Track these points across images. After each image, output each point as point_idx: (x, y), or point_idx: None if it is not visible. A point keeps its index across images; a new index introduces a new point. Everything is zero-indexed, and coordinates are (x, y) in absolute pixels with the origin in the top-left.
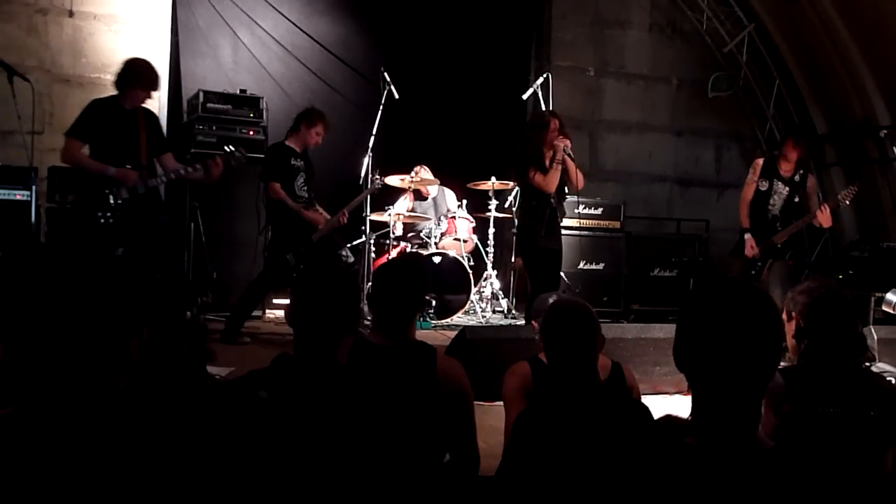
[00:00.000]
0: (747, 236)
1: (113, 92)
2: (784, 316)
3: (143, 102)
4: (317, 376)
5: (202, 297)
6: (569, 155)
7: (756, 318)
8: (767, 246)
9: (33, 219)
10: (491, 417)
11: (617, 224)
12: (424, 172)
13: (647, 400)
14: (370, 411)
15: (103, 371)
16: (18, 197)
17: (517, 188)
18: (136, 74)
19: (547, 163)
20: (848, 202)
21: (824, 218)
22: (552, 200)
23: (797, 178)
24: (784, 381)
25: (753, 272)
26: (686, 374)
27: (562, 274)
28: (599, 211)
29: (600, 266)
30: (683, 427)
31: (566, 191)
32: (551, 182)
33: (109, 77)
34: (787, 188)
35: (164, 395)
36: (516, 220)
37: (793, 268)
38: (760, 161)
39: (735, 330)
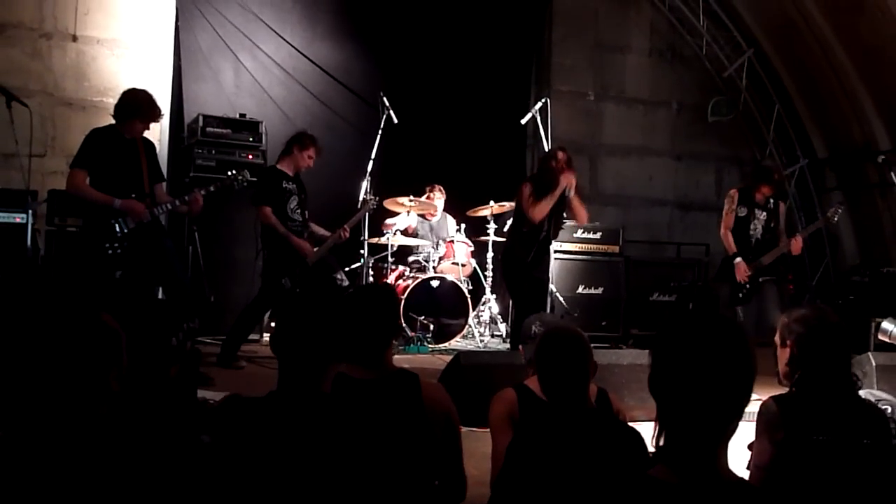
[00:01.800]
0: (738, 261)
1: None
2: (777, 340)
3: (142, 133)
4: (301, 407)
5: (189, 322)
6: (565, 195)
7: (726, 352)
8: (755, 269)
9: (29, 242)
10: (483, 444)
11: (616, 248)
12: (438, 194)
13: (642, 427)
14: (357, 447)
15: (82, 400)
16: (17, 220)
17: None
18: (137, 107)
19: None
20: (836, 219)
21: (796, 247)
22: (544, 232)
23: (770, 205)
24: (778, 408)
25: (741, 295)
26: (657, 401)
27: (560, 298)
28: (598, 235)
29: (599, 290)
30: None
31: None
32: (540, 211)
33: (112, 101)
34: (765, 213)
35: (147, 423)
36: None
37: (794, 291)
38: (735, 191)
39: (704, 363)
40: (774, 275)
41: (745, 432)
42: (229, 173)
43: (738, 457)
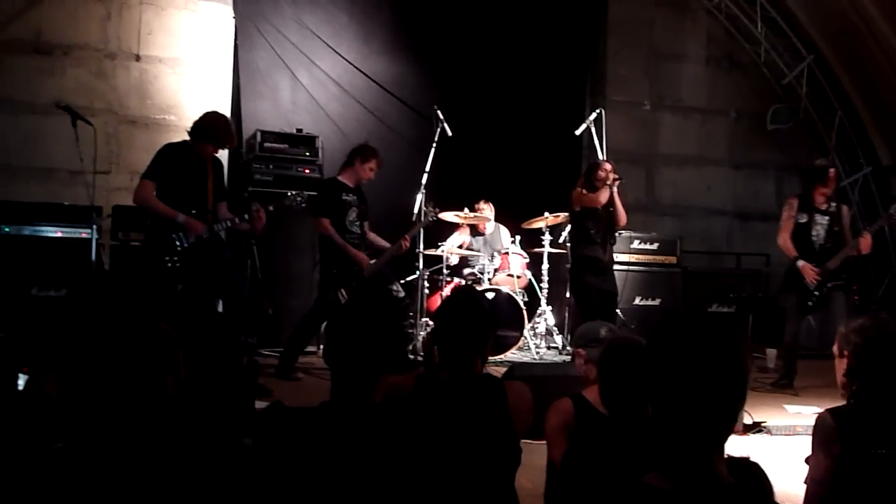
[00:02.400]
0: (801, 263)
1: (180, 135)
2: (836, 351)
3: (212, 154)
4: (352, 417)
5: (247, 336)
6: (610, 185)
7: (717, 356)
8: (823, 274)
9: (94, 256)
10: (538, 457)
11: (673, 259)
12: (487, 209)
13: None
14: (437, 448)
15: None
16: (83, 235)
17: (570, 224)
18: (213, 131)
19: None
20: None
21: (865, 245)
22: (607, 234)
23: (832, 208)
24: (834, 421)
25: (811, 303)
26: (651, 406)
27: (617, 310)
28: (655, 246)
29: (656, 302)
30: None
31: (613, 229)
32: (601, 196)
33: (174, 118)
34: (827, 217)
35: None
36: (570, 254)
37: (858, 302)
38: (794, 198)
39: (695, 367)
40: (840, 282)
41: (803, 446)
42: (290, 194)
43: (796, 471)
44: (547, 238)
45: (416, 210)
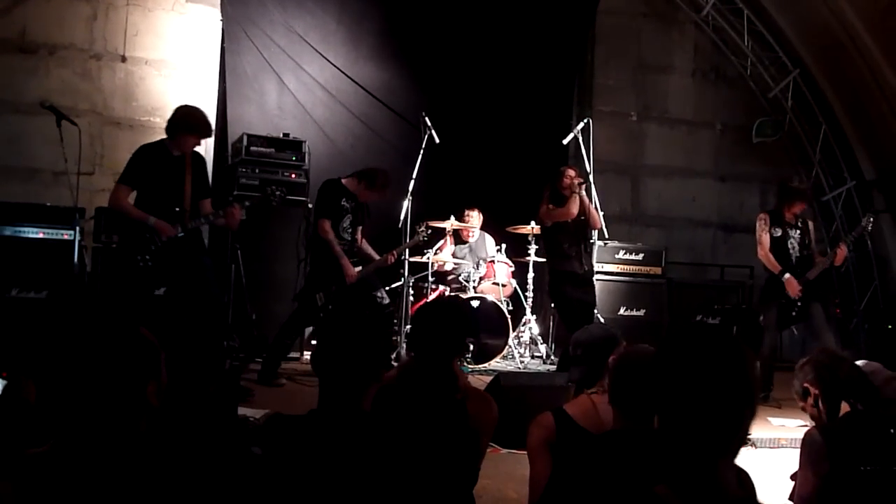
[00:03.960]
0: (787, 276)
1: (162, 135)
2: (797, 395)
3: (192, 148)
4: (342, 425)
5: (228, 340)
6: (577, 192)
7: (725, 369)
8: (803, 284)
9: (76, 258)
10: (523, 467)
11: (658, 270)
12: (475, 216)
13: None
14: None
15: (121, 413)
16: (65, 236)
17: (543, 239)
18: (189, 121)
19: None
20: (870, 228)
21: (840, 256)
22: (581, 244)
23: (800, 223)
24: (823, 439)
25: (794, 313)
26: (658, 418)
27: (601, 320)
28: (640, 257)
29: (641, 312)
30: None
31: (587, 237)
32: (571, 208)
33: (159, 120)
34: (798, 231)
35: (185, 439)
36: (547, 268)
37: (840, 315)
38: (765, 214)
39: (702, 377)
40: (820, 294)
41: (787, 459)
42: (268, 189)
43: (781, 484)
44: (532, 247)
45: (402, 216)
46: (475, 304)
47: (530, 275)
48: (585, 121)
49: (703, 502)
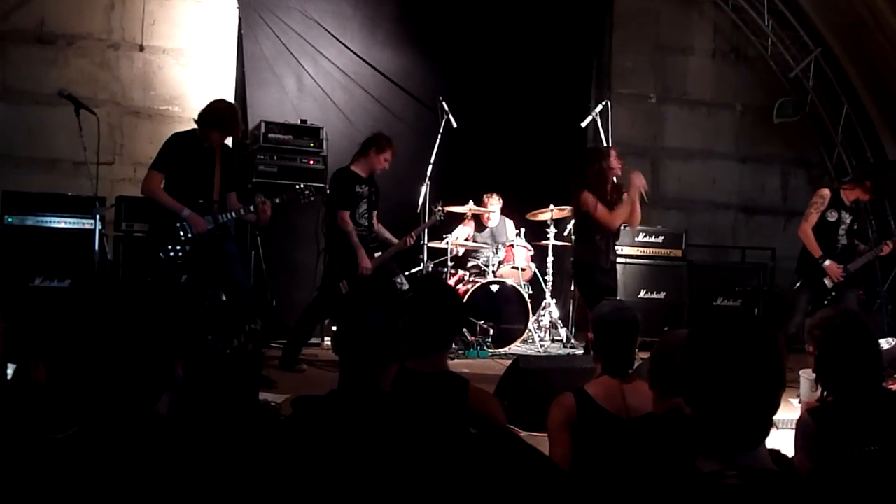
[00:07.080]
0: (828, 263)
1: (184, 126)
2: (807, 348)
3: (218, 143)
4: (361, 406)
5: (251, 324)
6: (643, 197)
7: (753, 349)
8: (845, 274)
9: (96, 247)
10: (542, 449)
11: (678, 252)
12: (495, 201)
13: None
14: (415, 440)
15: (143, 393)
16: (86, 225)
17: (574, 220)
18: (220, 119)
19: (608, 196)
20: None
21: (887, 250)
22: (612, 238)
23: (858, 207)
24: (815, 422)
25: (826, 302)
26: (686, 399)
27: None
28: (660, 239)
29: (661, 295)
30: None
31: (619, 232)
32: (618, 218)
33: (178, 109)
34: (850, 216)
35: (205, 422)
36: (573, 254)
37: (864, 298)
38: (827, 192)
39: (732, 361)
40: (858, 283)
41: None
42: (297, 186)
43: None
44: (552, 231)
45: (420, 201)
46: (494, 288)
47: (549, 259)
48: (604, 103)
49: (750, 477)
